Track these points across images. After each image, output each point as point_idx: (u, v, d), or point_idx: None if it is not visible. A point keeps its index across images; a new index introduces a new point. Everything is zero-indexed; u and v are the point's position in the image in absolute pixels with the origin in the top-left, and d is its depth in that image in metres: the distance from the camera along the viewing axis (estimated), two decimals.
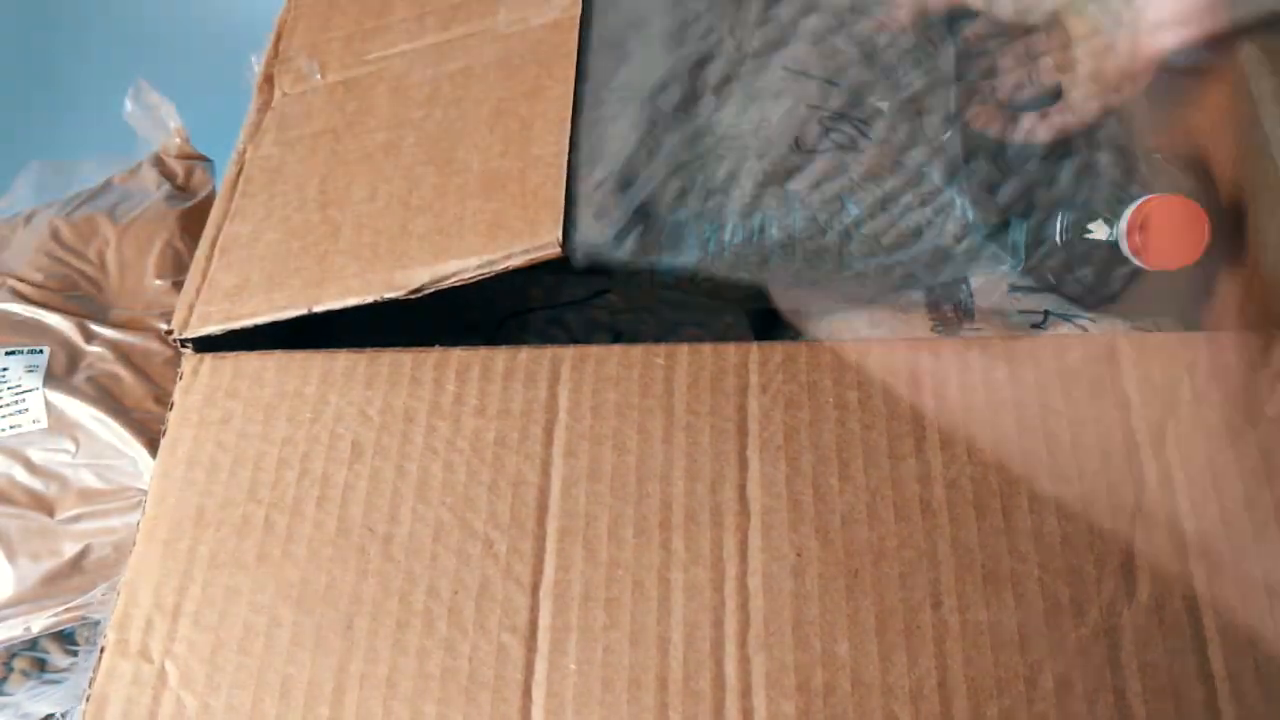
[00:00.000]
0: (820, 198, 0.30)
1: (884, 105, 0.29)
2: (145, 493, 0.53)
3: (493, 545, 0.43)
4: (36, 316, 0.59)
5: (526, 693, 0.41)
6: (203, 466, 0.45)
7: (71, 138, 1.04)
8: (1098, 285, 0.48)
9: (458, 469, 0.44)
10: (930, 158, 0.30)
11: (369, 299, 0.46)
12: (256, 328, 0.47)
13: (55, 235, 0.63)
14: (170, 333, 0.48)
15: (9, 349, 0.57)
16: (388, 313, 0.47)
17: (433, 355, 0.46)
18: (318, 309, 0.47)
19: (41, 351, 0.57)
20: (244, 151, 0.55)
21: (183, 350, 0.48)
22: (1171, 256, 0.64)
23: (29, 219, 0.66)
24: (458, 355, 0.46)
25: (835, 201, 0.30)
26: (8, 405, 0.54)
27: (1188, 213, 0.64)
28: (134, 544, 0.45)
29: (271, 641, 0.43)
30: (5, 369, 0.55)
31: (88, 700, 0.42)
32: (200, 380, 0.47)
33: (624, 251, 0.30)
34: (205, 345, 0.48)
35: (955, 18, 0.33)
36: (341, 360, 0.46)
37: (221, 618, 0.43)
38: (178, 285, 0.59)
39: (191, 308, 0.48)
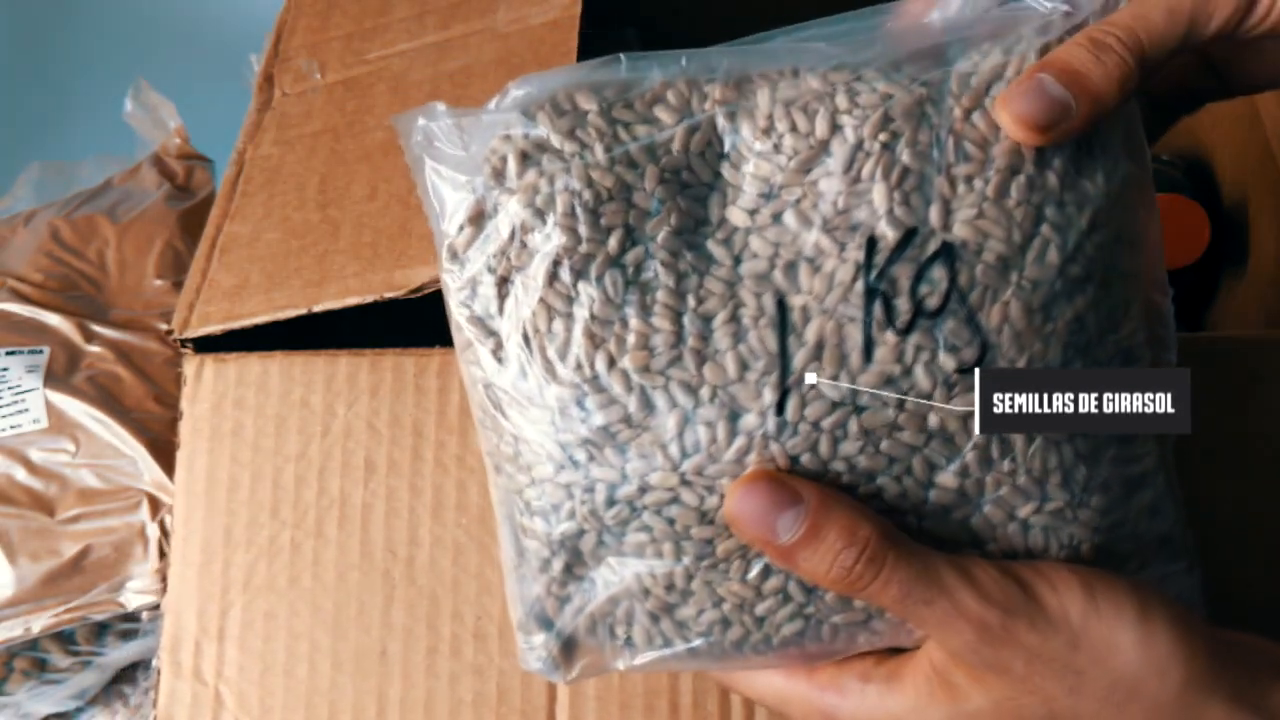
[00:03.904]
0: (706, 623, 0.33)
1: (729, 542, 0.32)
2: (145, 493, 0.53)
3: None
4: (36, 316, 0.59)
5: (551, 716, 0.43)
6: (223, 484, 0.46)
7: (71, 138, 1.04)
8: None
9: (470, 488, 0.45)
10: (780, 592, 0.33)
11: (369, 299, 0.46)
12: (257, 326, 0.47)
13: (55, 235, 0.63)
14: (170, 333, 0.48)
15: (9, 349, 0.57)
16: (388, 311, 0.47)
17: (435, 359, 0.46)
18: (318, 309, 0.46)
19: (41, 351, 0.57)
20: (244, 151, 0.55)
21: (183, 351, 0.48)
22: (1171, 256, 0.64)
23: (29, 219, 0.66)
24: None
25: (719, 626, 0.33)
26: (8, 405, 0.54)
27: (1188, 213, 0.64)
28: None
29: (314, 666, 0.44)
30: (5, 369, 0.55)
31: None
32: (205, 386, 0.47)
33: (562, 676, 0.35)
34: (205, 345, 0.48)
35: None
36: (343, 364, 0.46)
37: (264, 642, 0.44)
38: (178, 285, 0.59)
39: (191, 308, 0.48)
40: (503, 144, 0.32)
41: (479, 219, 0.33)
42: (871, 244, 0.31)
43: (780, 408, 0.31)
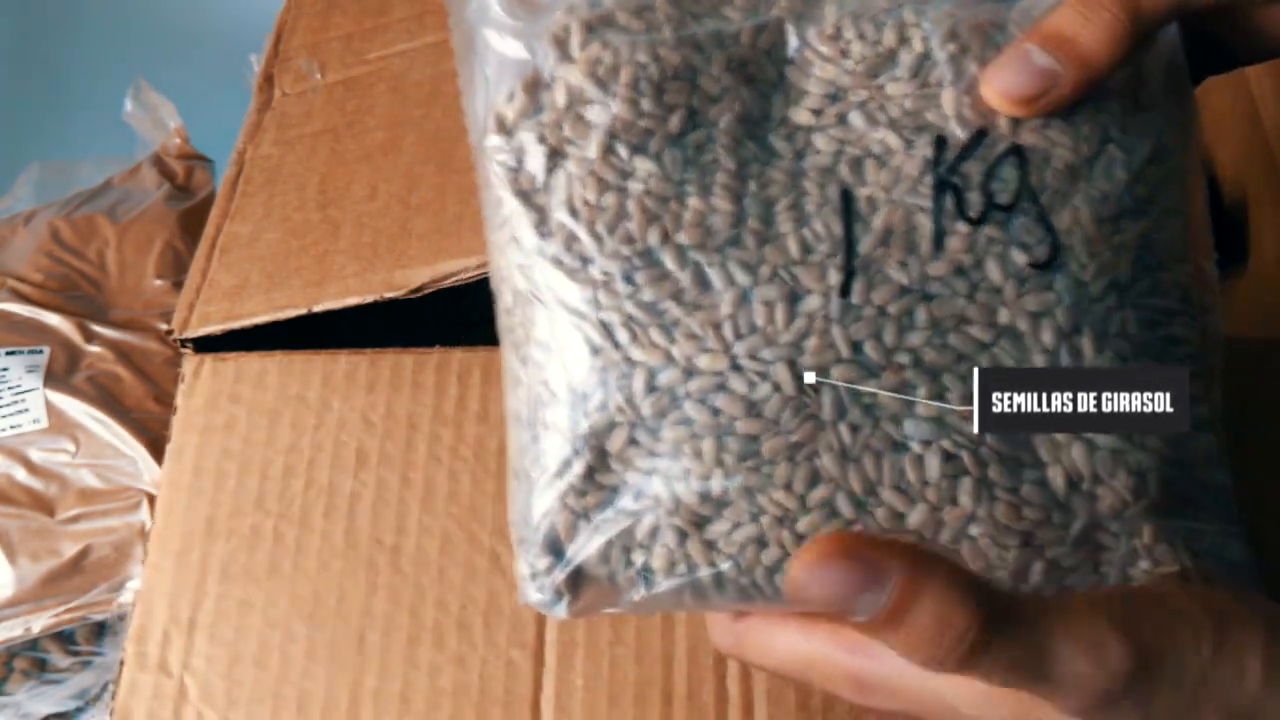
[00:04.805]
0: (739, 541, 0.31)
1: (774, 449, 0.30)
2: (145, 493, 0.53)
3: (499, 559, 0.44)
4: (36, 316, 0.59)
5: (535, 707, 0.41)
6: (209, 475, 0.45)
7: (71, 138, 1.04)
8: None
9: (462, 478, 0.44)
10: (834, 491, 0.30)
11: (369, 299, 0.46)
12: (257, 326, 0.47)
13: (55, 235, 0.63)
14: (170, 333, 0.48)
15: (9, 349, 0.57)
16: (388, 311, 0.47)
17: (434, 357, 0.46)
18: (318, 309, 0.47)
19: (41, 351, 0.57)
20: (244, 151, 0.55)
21: (183, 351, 0.48)
22: None
23: (29, 219, 0.66)
24: (459, 357, 0.46)
25: (753, 545, 0.30)
26: (8, 405, 0.54)
27: None
28: (143, 551, 0.45)
29: (286, 656, 0.43)
30: (5, 369, 0.55)
31: (111, 715, 0.42)
32: (202, 383, 0.47)
33: (565, 609, 0.32)
34: (205, 345, 0.48)
35: None
36: (342, 362, 0.46)
37: (237, 632, 0.43)
38: (178, 285, 0.59)
39: (191, 308, 0.48)
40: (567, 15, 0.31)
41: (534, 88, 0.32)
42: (941, 143, 0.31)
43: (845, 289, 0.30)
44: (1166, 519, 0.31)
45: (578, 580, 0.31)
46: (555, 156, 0.31)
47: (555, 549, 0.31)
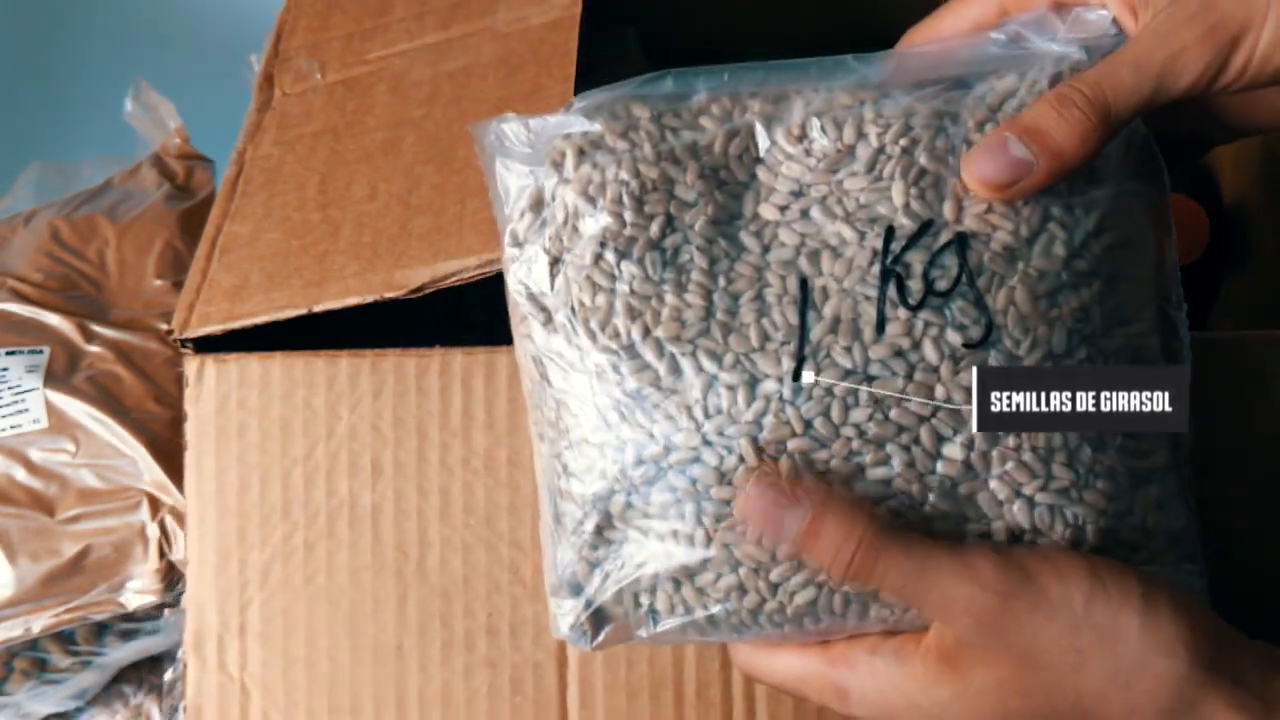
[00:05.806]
0: (724, 589, 0.35)
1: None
2: (145, 493, 0.53)
3: (518, 570, 0.45)
4: (36, 316, 0.59)
5: (563, 705, 0.45)
6: (233, 485, 0.47)
7: (71, 138, 1.04)
8: None
9: (476, 490, 0.46)
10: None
11: (369, 299, 0.46)
12: (257, 326, 0.47)
13: (55, 235, 0.63)
14: (170, 333, 0.48)
15: (9, 349, 0.57)
16: (388, 310, 0.47)
17: (435, 359, 0.46)
18: (318, 309, 0.47)
19: (41, 351, 0.57)
20: (244, 151, 0.55)
21: (183, 351, 0.48)
22: None
23: (29, 219, 0.66)
24: (460, 360, 0.46)
25: (736, 592, 0.35)
26: (8, 405, 0.54)
27: (1188, 213, 0.64)
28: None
29: (335, 661, 0.46)
30: (5, 369, 0.55)
31: (184, 710, 0.46)
32: (207, 387, 0.47)
33: (589, 643, 0.37)
34: (206, 345, 0.48)
35: None
36: (344, 366, 0.46)
37: (285, 638, 0.46)
38: (178, 285, 0.59)
39: (191, 308, 0.48)
40: (563, 141, 0.36)
41: (538, 205, 0.36)
42: (890, 233, 0.34)
43: (796, 374, 0.34)
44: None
45: (598, 619, 0.36)
46: (557, 264, 0.36)
47: (578, 593, 0.36)
